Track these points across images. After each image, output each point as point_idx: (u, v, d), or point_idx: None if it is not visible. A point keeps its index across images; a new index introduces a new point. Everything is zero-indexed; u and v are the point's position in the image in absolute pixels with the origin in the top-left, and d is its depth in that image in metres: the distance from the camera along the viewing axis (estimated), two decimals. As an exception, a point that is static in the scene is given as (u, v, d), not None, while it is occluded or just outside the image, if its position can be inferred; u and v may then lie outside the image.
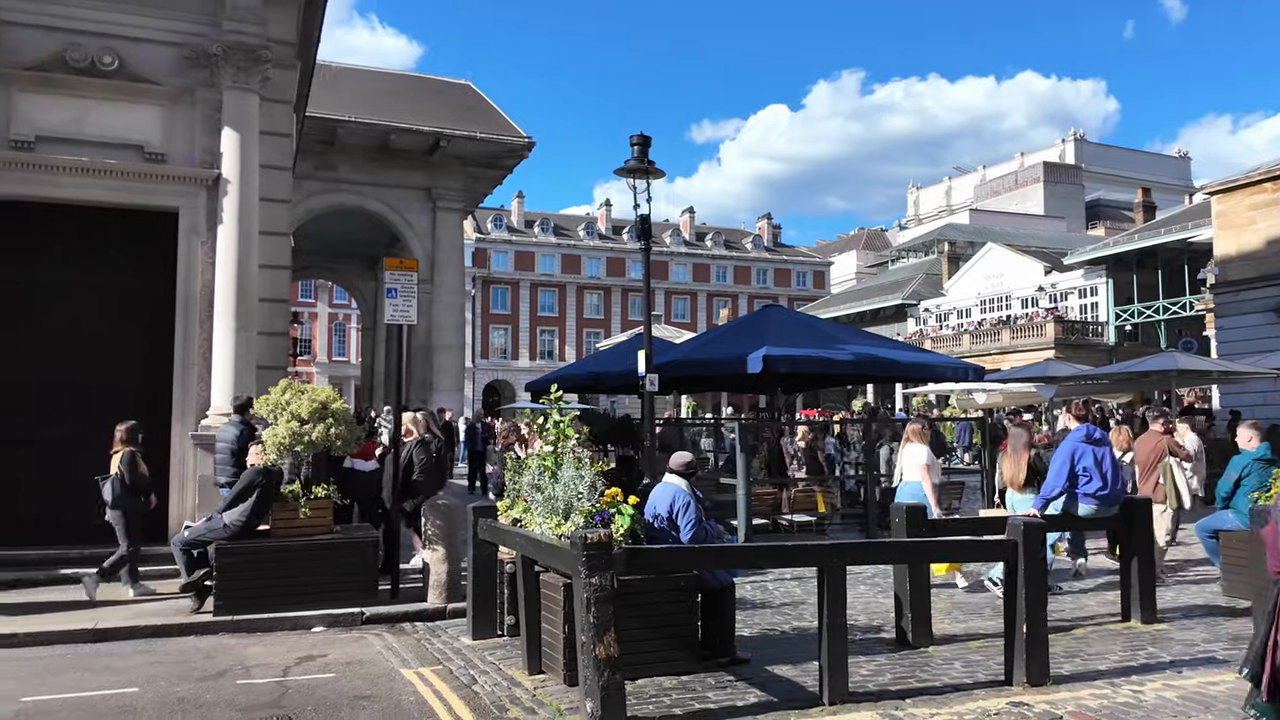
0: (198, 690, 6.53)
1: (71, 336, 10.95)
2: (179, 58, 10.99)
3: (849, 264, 78.51)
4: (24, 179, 10.43)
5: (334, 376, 60.24)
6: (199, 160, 11.08)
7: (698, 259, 74.88)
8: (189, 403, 10.90)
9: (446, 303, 22.51)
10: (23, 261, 10.74)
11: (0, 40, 10.32)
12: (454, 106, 23.29)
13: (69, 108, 10.67)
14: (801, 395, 31.50)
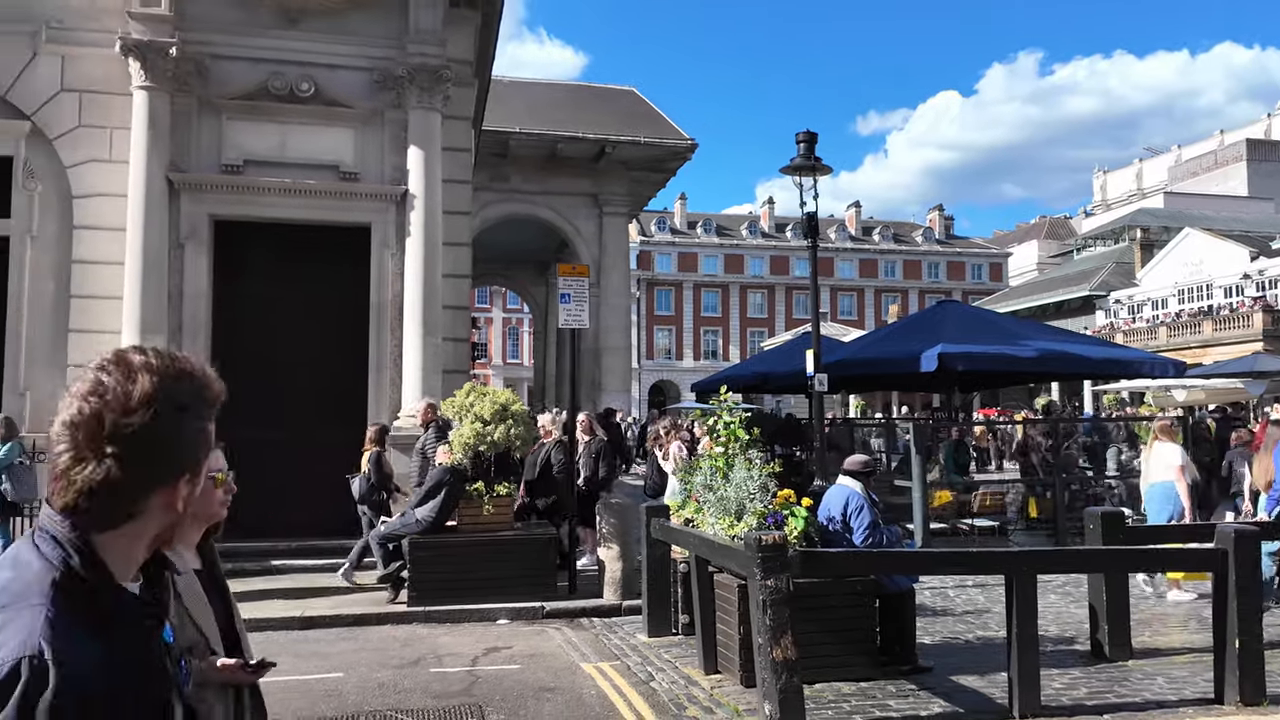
0: (396, 677, 6.96)
1: (277, 344, 11.91)
2: (369, 82, 11.75)
3: (1029, 254, 74.65)
4: (236, 200, 11.44)
5: (508, 379, 62.56)
6: (388, 177, 11.80)
7: (865, 254, 73.23)
8: (382, 405, 11.61)
9: (613, 305, 22.99)
10: (235, 276, 11.77)
11: (212, 73, 11.35)
12: (618, 113, 23.75)
13: (272, 133, 11.60)
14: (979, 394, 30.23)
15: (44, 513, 1.35)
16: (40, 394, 11.19)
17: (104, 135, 11.42)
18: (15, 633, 1.18)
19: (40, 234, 11.39)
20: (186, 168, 11.25)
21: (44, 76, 11.41)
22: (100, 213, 11.36)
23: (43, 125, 11.39)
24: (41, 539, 1.31)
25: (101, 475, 1.28)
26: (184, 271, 11.24)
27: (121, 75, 11.17)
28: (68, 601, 1.24)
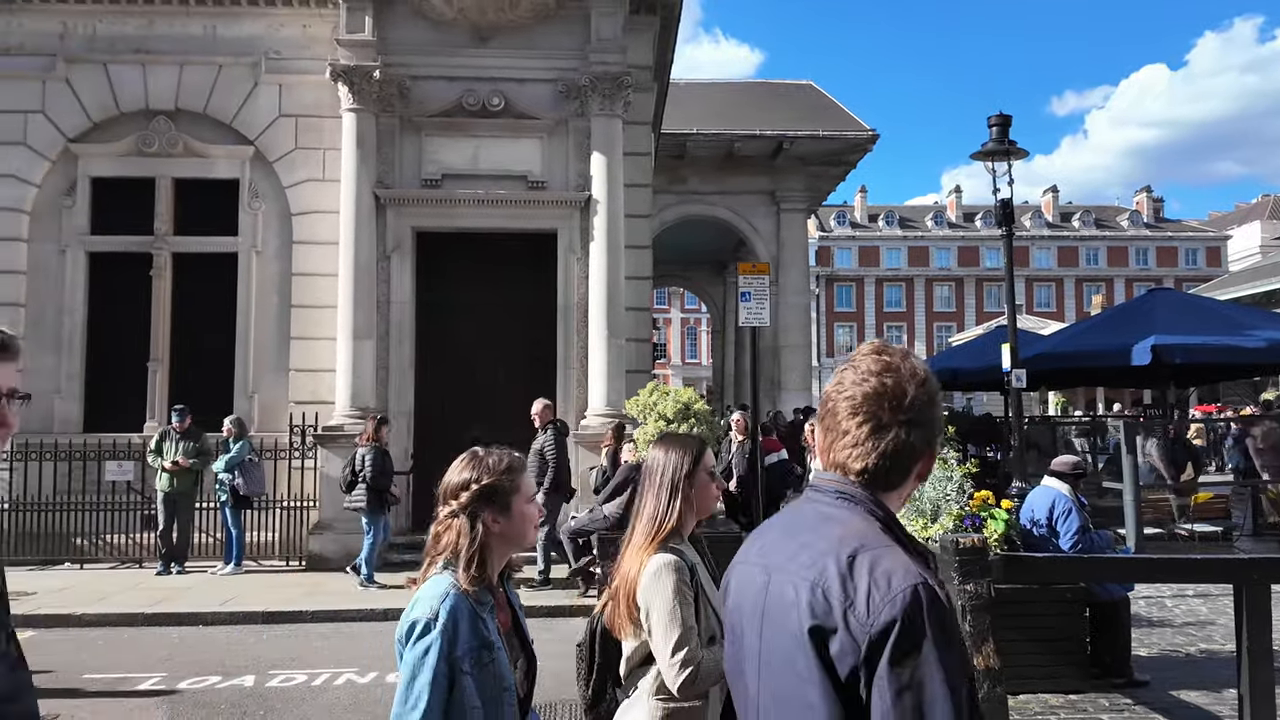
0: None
1: (473, 346, 12.58)
2: (554, 93, 12.20)
3: (1250, 236, 68.12)
4: (435, 212, 12.16)
5: (687, 378, 63.13)
6: (573, 184, 12.22)
7: (1063, 241, 69.09)
8: (570, 404, 12.02)
9: (791, 303, 22.78)
10: (434, 283, 12.50)
11: (412, 93, 12.10)
12: (796, 108, 23.51)
13: (466, 147, 12.24)
14: (1195, 389, 27.96)
15: (821, 476, 1.58)
16: (266, 396, 12.30)
17: (318, 156, 12.42)
18: (895, 566, 1.39)
19: (264, 250, 12.51)
20: (391, 184, 12.05)
21: (264, 104, 12.53)
22: (315, 228, 12.35)
23: (264, 149, 12.51)
24: (837, 498, 1.53)
25: (899, 442, 1.50)
26: (390, 280, 12.04)
27: (331, 100, 12.11)
28: (905, 544, 1.46)
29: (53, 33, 12.42)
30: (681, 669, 2.56)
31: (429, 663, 2.07)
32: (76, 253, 12.38)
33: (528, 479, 2.34)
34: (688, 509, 2.78)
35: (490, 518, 2.23)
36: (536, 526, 2.29)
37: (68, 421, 12.09)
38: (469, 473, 2.28)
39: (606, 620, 2.83)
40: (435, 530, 2.27)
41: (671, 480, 2.78)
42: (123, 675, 6.92)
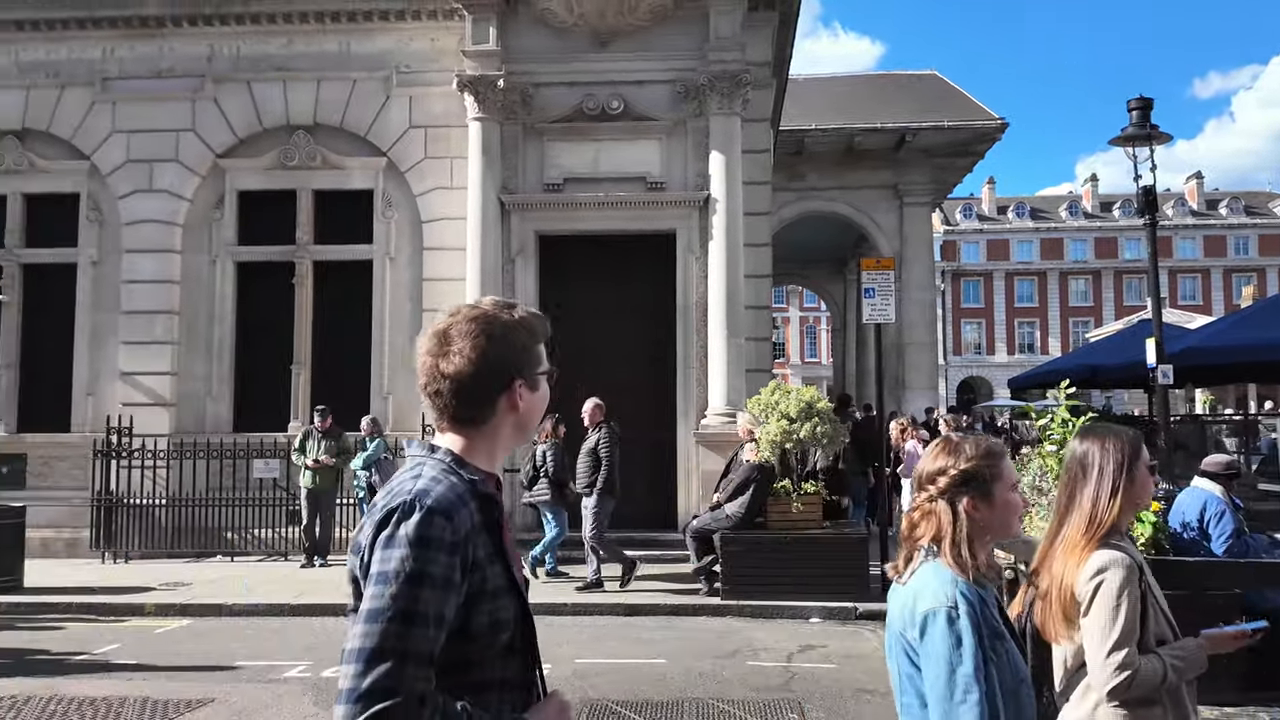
0: (715, 667, 7.22)
1: (594, 348, 12.73)
2: (672, 93, 12.27)
3: None
4: (557, 216, 12.41)
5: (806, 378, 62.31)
6: (691, 184, 12.25)
7: (1209, 230, 65.12)
8: (690, 404, 12.06)
9: (916, 299, 22.19)
10: (556, 285, 12.73)
11: (534, 100, 12.37)
12: (919, 99, 22.92)
13: (586, 151, 12.44)
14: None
15: None
16: (400, 397, 12.78)
17: (445, 165, 12.84)
18: None
19: (397, 256, 13.01)
20: (515, 189, 12.36)
21: (395, 116, 13.03)
22: (443, 235, 12.77)
23: (396, 159, 13.01)
24: None
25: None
26: (515, 284, 12.33)
27: (458, 109, 12.50)
28: None
29: (201, 55, 13.23)
30: (1117, 672, 2.44)
31: (967, 650, 1.95)
32: (225, 262, 13.15)
33: (1008, 466, 2.21)
34: (1128, 504, 2.67)
35: (969, 504, 2.13)
36: (1019, 516, 2.21)
37: (219, 421, 12.86)
38: (945, 459, 2.18)
39: (1038, 621, 2.68)
40: (911, 518, 2.21)
41: (1112, 474, 2.66)
42: (271, 663, 7.32)
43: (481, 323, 1.62)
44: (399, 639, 1.39)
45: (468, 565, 1.49)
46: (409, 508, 1.47)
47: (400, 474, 1.59)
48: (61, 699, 6.26)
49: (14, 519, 10.37)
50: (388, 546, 1.45)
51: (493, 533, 1.55)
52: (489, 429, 1.65)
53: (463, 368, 1.59)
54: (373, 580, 1.44)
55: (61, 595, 9.85)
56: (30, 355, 13.31)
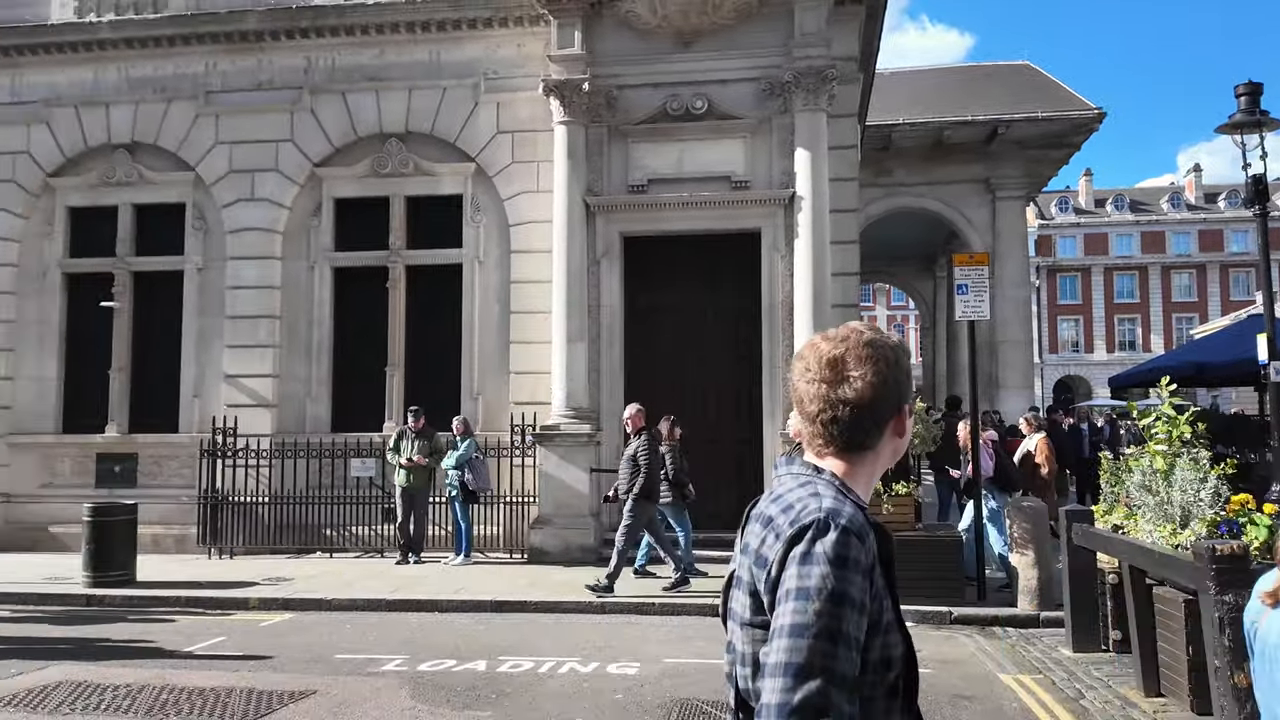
0: (805, 668, 7.13)
1: (679, 347, 12.77)
2: (757, 91, 12.19)
3: None
4: (642, 217, 12.44)
5: (894, 377, 61.03)
6: (776, 182, 12.15)
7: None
8: (776, 404, 11.96)
9: (1009, 296, 21.55)
10: (640, 286, 12.78)
11: (619, 102, 12.43)
12: (1011, 90, 22.30)
13: (670, 151, 12.45)
14: None
15: None
16: (490, 397, 12.99)
17: (532, 169, 13.01)
18: None
19: (486, 260, 13.23)
20: (600, 191, 12.44)
21: (483, 122, 13.25)
22: (530, 238, 12.94)
23: (484, 164, 13.23)
24: None
25: None
26: (600, 285, 12.42)
27: (544, 114, 12.64)
28: None
29: (298, 67, 13.68)
30: None
31: None
32: (323, 268, 13.56)
33: None
34: None
35: None
36: None
37: (318, 422, 13.26)
38: None
39: None
40: None
41: None
42: (370, 656, 7.51)
43: (876, 348, 1.62)
44: (825, 656, 1.37)
45: (872, 593, 1.45)
46: (823, 525, 1.45)
47: (790, 489, 1.57)
48: (172, 688, 6.53)
49: (126, 516, 10.87)
50: (805, 562, 1.42)
51: (886, 565, 1.52)
52: (872, 455, 1.63)
53: (864, 393, 1.58)
54: (792, 596, 1.41)
55: (171, 589, 10.28)
56: (140, 359, 13.95)
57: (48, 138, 14.07)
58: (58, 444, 13.76)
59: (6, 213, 14.01)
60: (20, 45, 13.95)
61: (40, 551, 13.01)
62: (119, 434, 13.66)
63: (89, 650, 7.80)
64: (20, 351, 13.92)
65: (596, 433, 12.08)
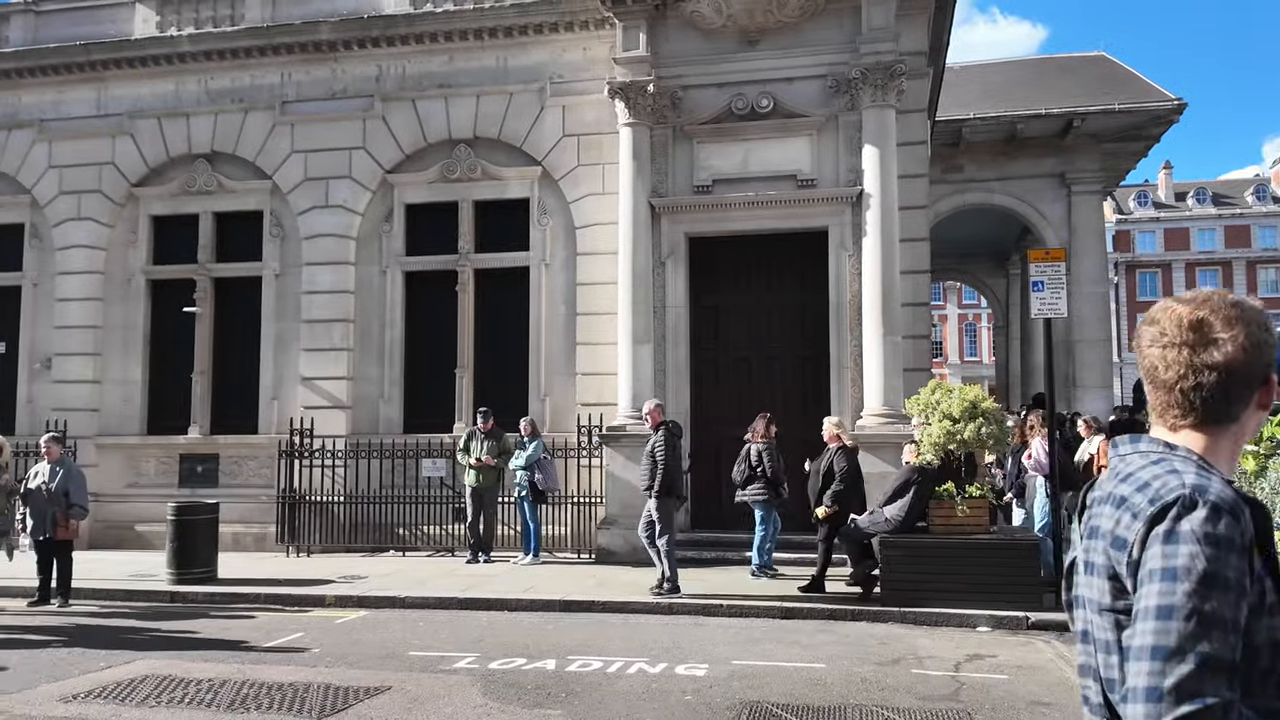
0: (877, 673, 7.01)
1: (744, 347, 12.72)
2: (823, 89, 12.06)
3: None
4: (707, 217, 12.40)
5: (966, 377, 59.95)
6: (844, 179, 12.01)
7: None
8: (845, 403, 11.80)
9: (1087, 293, 20.94)
10: (705, 286, 12.75)
11: (683, 103, 12.41)
12: (1086, 82, 21.65)
13: (735, 151, 12.38)
14: None
15: None
16: (557, 399, 13.08)
17: (597, 171, 13.06)
18: None
19: (552, 262, 13.32)
20: (665, 192, 12.43)
21: (549, 126, 13.35)
22: (596, 240, 12.99)
23: (550, 168, 13.33)
24: None
25: None
26: (666, 286, 12.41)
27: (609, 117, 12.69)
28: None
29: (370, 76, 13.95)
30: None
31: None
32: (395, 272, 13.80)
33: None
34: None
35: None
36: None
37: (391, 423, 13.50)
38: None
39: None
40: None
41: None
42: (442, 654, 7.60)
43: (1244, 309, 1.54)
44: (1197, 640, 1.30)
45: (1251, 573, 1.38)
46: (1189, 502, 1.38)
47: (1141, 466, 1.49)
48: (252, 683, 6.70)
49: (208, 515, 11.20)
50: (1169, 541, 1.36)
51: (1266, 543, 1.42)
52: (1235, 428, 1.53)
53: (1235, 356, 1.49)
54: (1157, 577, 1.36)
55: (250, 586, 10.55)
56: (221, 362, 14.37)
57: (132, 149, 14.58)
58: (143, 445, 14.24)
59: (93, 222, 14.56)
60: (106, 60, 14.49)
61: (126, 549, 13.49)
62: (201, 435, 14.08)
63: (173, 645, 8.05)
64: (107, 356, 14.45)
65: (663, 433, 12.05)
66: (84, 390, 14.34)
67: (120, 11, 14.74)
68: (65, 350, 14.46)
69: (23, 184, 14.88)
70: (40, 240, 14.83)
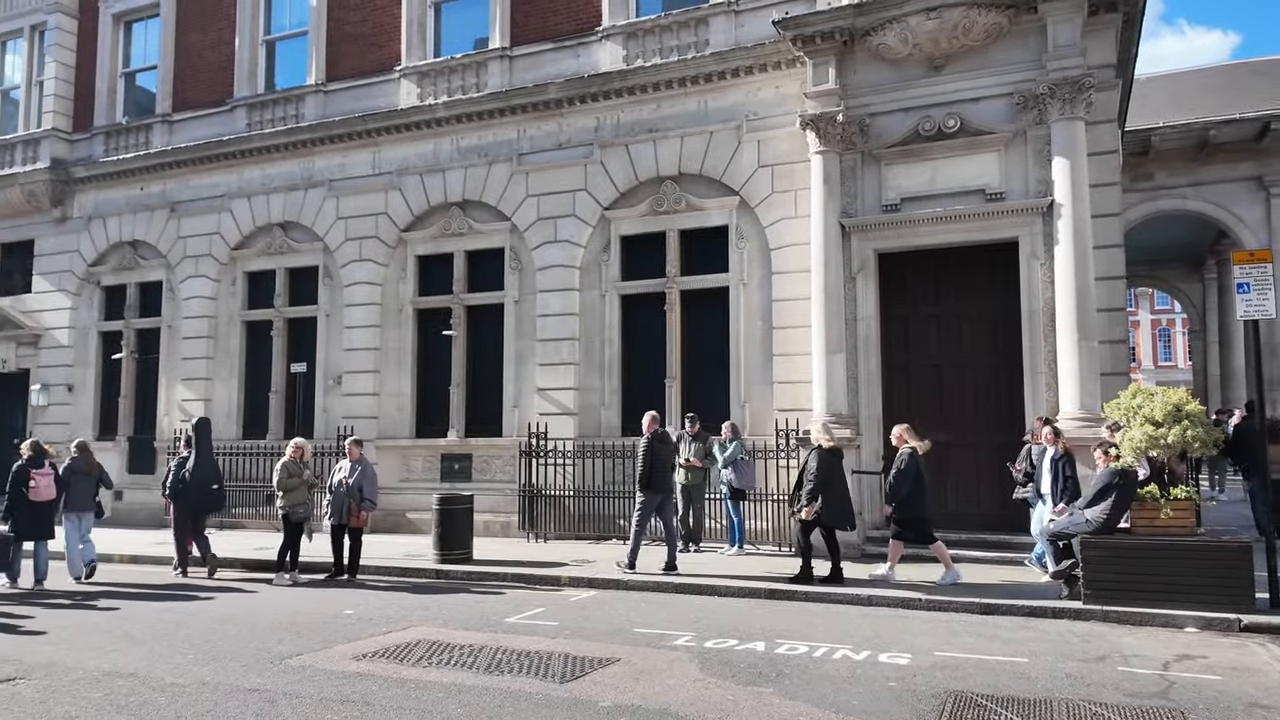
0: (1081, 670, 6.41)
1: (935, 356, 12.10)
2: (1009, 106, 11.32)
3: None
4: (895, 234, 11.91)
5: (1160, 382, 54.38)
6: (1033, 191, 11.19)
7: None
8: (1039, 409, 10.95)
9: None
10: (895, 298, 12.24)
11: (871, 129, 11.99)
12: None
13: (922, 170, 11.82)
14: None
15: None
16: (755, 405, 12.94)
17: (790, 197, 12.85)
18: None
19: (749, 282, 13.22)
20: (854, 213, 12.05)
21: (745, 159, 13.28)
22: (789, 260, 12.77)
23: (746, 197, 13.24)
24: None
25: None
26: (856, 299, 12.00)
27: (800, 147, 12.47)
28: None
29: (589, 127, 14.40)
30: None
31: None
32: (612, 296, 14.14)
33: None
34: None
35: None
36: None
37: (611, 427, 13.82)
38: None
39: None
40: None
41: None
42: (662, 632, 7.64)
43: None
44: None
45: None
46: None
47: None
48: (505, 649, 6.99)
49: (465, 505, 11.85)
50: None
51: None
52: None
53: None
54: None
55: (499, 566, 11.07)
56: (473, 376, 15.22)
57: (400, 201, 15.76)
58: (412, 446, 15.30)
59: (372, 262, 15.84)
60: (379, 128, 15.77)
61: (400, 534, 14.53)
62: (457, 438, 14.96)
63: (439, 615, 8.54)
64: (384, 373, 15.65)
65: (856, 437, 11.65)
66: (366, 401, 15.61)
67: (389, 87, 16.01)
68: (352, 369, 15.80)
69: (317, 233, 16.42)
70: (331, 279, 16.30)
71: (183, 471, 11.53)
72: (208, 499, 11.57)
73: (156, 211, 17.87)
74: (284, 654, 6.90)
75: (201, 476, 11.50)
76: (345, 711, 5.40)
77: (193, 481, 11.42)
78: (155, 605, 9.25)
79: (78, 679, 6.24)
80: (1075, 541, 8.47)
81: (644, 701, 5.58)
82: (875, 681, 6.05)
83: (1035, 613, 8.31)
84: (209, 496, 11.58)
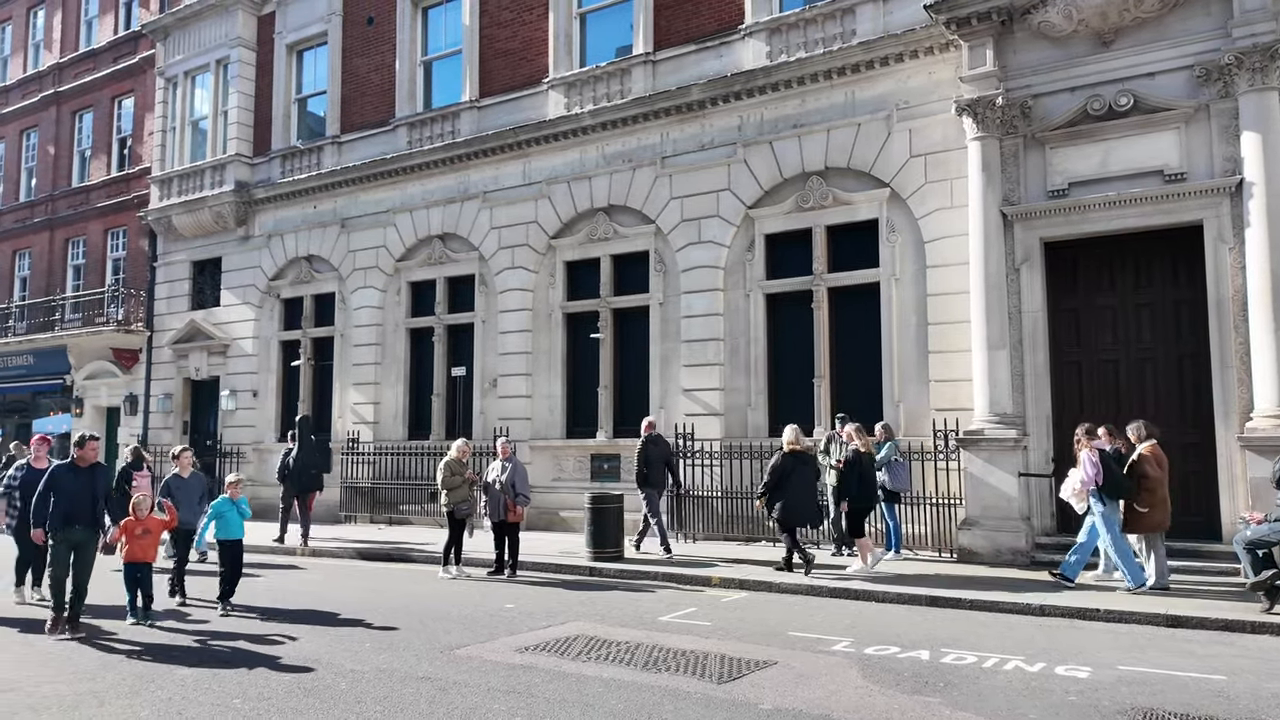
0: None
1: (1108, 349, 11.34)
2: (1189, 79, 10.47)
3: None
4: (1063, 221, 11.24)
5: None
6: (1219, 170, 10.31)
7: None
8: (1230, 405, 10.10)
9: None
10: (1063, 289, 11.55)
11: (1033, 111, 11.37)
12: None
13: (1092, 153, 11.09)
14: None
15: None
16: (910, 404, 12.52)
17: (945, 187, 12.37)
18: None
19: (901, 276, 12.81)
20: (1016, 200, 11.46)
21: (896, 150, 12.88)
22: (944, 252, 12.28)
23: (898, 189, 12.84)
24: None
25: None
26: (1020, 292, 11.41)
27: (956, 134, 11.98)
28: None
29: (732, 126, 14.37)
30: None
31: None
32: (756, 295, 14.05)
33: None
34: None
35: None
36: None
37: (757, 428, 13.73)
38: None
39: None
40: None
41: None
42: (818, 636, 7.53)
43: None
44: None
45: None
46: None
47: None
48: (661, 648, 7.09)
49: (616, 504, 12.07)
50: None
51: None
52: None
53: None
54: None
55: (650, 565, 11.22)
56: (619, 378, 15.50)
57: (549, 209, 16.26)
58: (564, 447, 15.74)
59: (524, 270, 16.42)
60: (529, 139, 16.32)
61: (553, 531, 14.97)
62: (606, 438, 15.28)
63: (595, 612, 8.75)
64: (535, 376, 16.18)
65: (1023, 437, 11.08)
66: (520, 403, 16.19)
67: (537, 99, 16.54)
68: (506, 372, 16.43)
69: (473, 243, 17.17)
70: (486, 286, 17.01)
71: (287, 459, 14.05)
72: (308, 480, 14.06)
73: (329, 227, 19.21)
74: (451, 644, 7.26)
75: (302, 463, 13.96)
76: (511, 702, 5.63)
77: (296, 466, 13.89)
78: (336, 595, 9.94)
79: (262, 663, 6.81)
80: (1277, 550, 7.73)
81: (805, 706, 5.53)
82: (1053, 695, 5.74)
83: (1231, 627, 7.65)
84: (309, 478, 14.07)
